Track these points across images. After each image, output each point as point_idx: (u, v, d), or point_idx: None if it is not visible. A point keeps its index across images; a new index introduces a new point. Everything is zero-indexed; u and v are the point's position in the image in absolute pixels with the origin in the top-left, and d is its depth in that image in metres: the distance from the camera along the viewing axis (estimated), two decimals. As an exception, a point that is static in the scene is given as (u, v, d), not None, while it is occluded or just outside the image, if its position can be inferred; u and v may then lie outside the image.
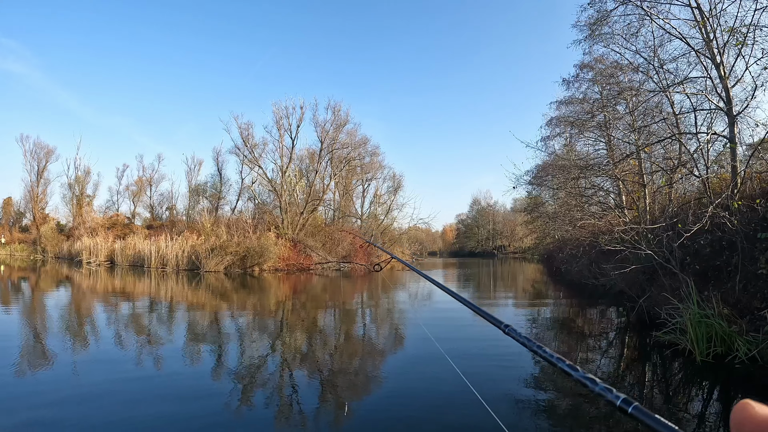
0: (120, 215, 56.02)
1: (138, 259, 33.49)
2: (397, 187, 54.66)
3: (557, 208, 22.66)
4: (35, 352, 7.80)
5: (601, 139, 19.14)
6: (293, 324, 11.29)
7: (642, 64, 12.04)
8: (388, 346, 8.87)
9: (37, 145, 55.79)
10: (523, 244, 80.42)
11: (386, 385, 6.26)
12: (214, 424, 4.70)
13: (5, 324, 10.67)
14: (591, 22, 12.59)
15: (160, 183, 60.44)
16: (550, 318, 12.52)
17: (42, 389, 5.71)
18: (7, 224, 59.03)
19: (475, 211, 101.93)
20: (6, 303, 14.42)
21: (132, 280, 23.15)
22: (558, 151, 21.52)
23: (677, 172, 11.58)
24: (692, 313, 7.46)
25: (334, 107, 40.72)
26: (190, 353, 7.96)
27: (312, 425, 4.83)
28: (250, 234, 31.66)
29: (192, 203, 53.55)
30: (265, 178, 40.05)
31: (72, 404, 5.19)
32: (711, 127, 10.36)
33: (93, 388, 5.80)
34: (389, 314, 13.15)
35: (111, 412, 4.99)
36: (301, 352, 8.31)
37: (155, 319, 11.66)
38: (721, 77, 9.75)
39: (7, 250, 51.61)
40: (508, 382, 6.30)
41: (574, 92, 19.86)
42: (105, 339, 8.92)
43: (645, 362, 7.76)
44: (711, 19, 9.72)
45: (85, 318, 11.57)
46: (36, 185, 56.44)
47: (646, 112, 12.67)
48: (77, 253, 39.78)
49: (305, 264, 32.24)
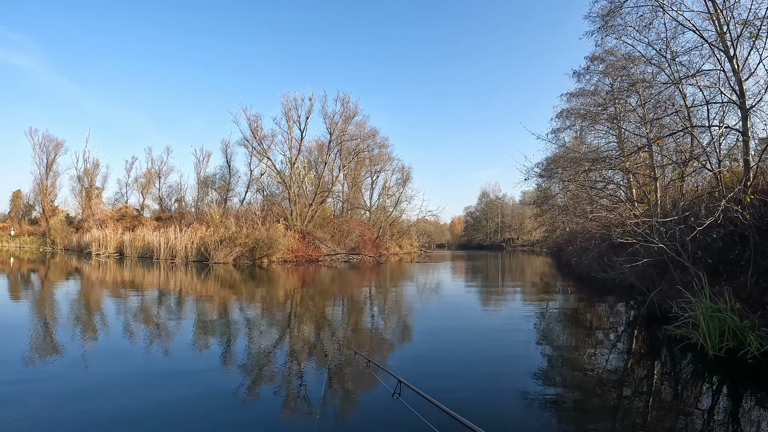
0: (129, 207, 56.43)
1: (147, 251, 33.75)
2: (405, 179, 54.76)
3: (567, 200, 22.57)
4: (44, 343, 7.88)
5: (612, 131, 19.01)
6: (301, 315, 11.34)
7: (654, 56, 11.93)
8: (395, 339, 8.88)
9: (45, 138, 56.22)
10: (531, 236, 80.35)
11: (391, 377, 6.26)
12: (222, 413, 4.73)
13: (15, 315, 10.80)
14: (603, 13, 12.46)
15: (168, 175, 60.87)
16: (559, 311, 12.48)
17: (51, 380, 5.77)
18: (16, 217, 59.67)
19: (483, 204, 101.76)
20: (16, 294, 14.57)
21: (141, 271, 23.32)
22: (568, 144, 21.43)
23: (689, 165, 11.48)
24: (704, 307, 7.40)
25: (343, 99, 40.71)
26: (198, 344, 8.03)
27: (318, 414, 4.85)
28: (258, 225, 31.77)
29: (201, 195, 53.90)
30: (274, 170, 40.14)
31: (81, 395, 5.25)
32: (723, 121, 10.22)
33: (102, 378, 5.87)
34: (396, 306, 13.16)
35: (119, 401, 5.05)
36: (308, 342, 8.34)
37: (164, 310, 11.75)
38: (734, 70, 9.63)
39: (16, 242, 52.21)
40: (513, 374, 6.29)
41: (585, 84, 19.74)
42: (114, 330, 9.01)
43: (656, 356, 7.73)
44: (724, 11, 9.58)
45: (94, 309, 11.67)
46: (45, 178, 56.89)
47: (658, 105, 12.56)
48: (86, 245, 40.16)
49: (314, 255, 32.35)
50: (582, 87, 20.05)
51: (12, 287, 16.28)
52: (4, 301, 13.02)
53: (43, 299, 13.35)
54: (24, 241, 51.84)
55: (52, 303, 12.60)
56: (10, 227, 55.24)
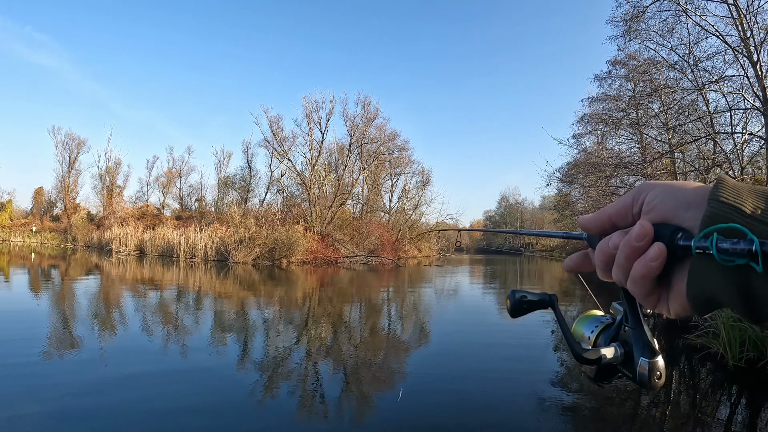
0: (150, 206, 57.21)
1: (167, 249, 34.08)
2: (425, 182, 54.57)
3: (588, 206, 22.39)
4: (63, 339, 8.02)
5: (633, 137, 18.84)
6: (319, 316, 11.42)
7: (677, 61, 11.83)
8: (412, 341, 8.92)
9: (68, 137, 57.19)
10: (551, 242, 79.51)
11: (409, 380, 6.30)
12: (238, 413, 4.81)
13: (34, 311, 11.02)
14: (627, 18, 12.39)
15: (189, 175, 61.45)
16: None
17: (69, 377, 5.87)
18: (38, 213, 60.70)
19: (503, 208, 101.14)
20: (36, 290, 14.87)
21: (161, 269, 23.64)
22: (589, 149, 21.27)
23: (711, 172, 11.34)
24: (725, 316, 7.33)
25: (363, 101, 40.85)
26: (216, 342, 8.13)
27: (334, 416, 4.91)
28: (278, 226, 31.99)
29: (221, 195, 54.29)
30: (294, 171, 40.42)
31: (98, 392, 5.34)
32: (746, 127, 10.11)
33: (119, 376, 5.96)
34: (414, 309, 13.18)
35: (136, 400, 5.14)
36: (326, 344, 8.41)
37: (183, 308, 11.93)
38: (758, 76, 9.52)
39: (38, 238, 53.10)
40: (530, 380, 6.29)
41: (607, 89, 19.59)
42: (133, 327, 9.16)
43: (675, 365, 7.65)
44: (748, 15, 9.48)
45: (114, 306, 11.87)
46: (67, 176, 57.85)
47: (681, 111, 12.44)
48: (107, 242, 40.67)
49: (333, 257, 32.48)
50: (604, 92, 19.94)
51: (32, 282, 16.61)
52: (25, 296, 13.31)
53: (63, 295, 13.60)
54: (45, 237, 52.65)
55: (72, 299, 12.84)
56: (31, 223, 56.26)
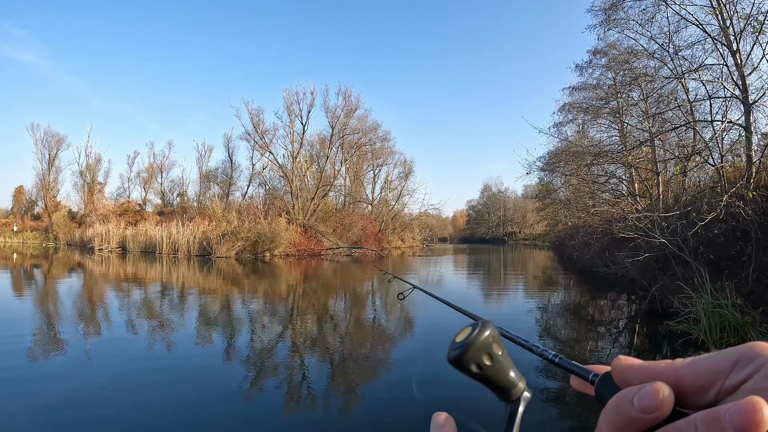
0: (131, 202, 56.57)
1: (149, 246, 33.80)
2: (407, 172, 54.80)
3: (569, 194, 22.56)
4: (48, 338, 7.92)
5: (614, 125, 18.98)
6: (304, 309, 11.39)
7: (657, 50, 11.92)
8: (397, 332, 8.93)
9: (48, 134, 56.40)
10: (533, 230, 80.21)
11: (395, 370, 6.32)
12: (226, 407, 4.77)
13: (18, 310, 10.84)
14: (606, 7, 12.45)
15: (170, 169, 61.05)
16: (560, 305, 12.51)
17: (55, 375, 5.81)
18: (19, 212, 59.70)
19: (485, 198, 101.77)
20: (19, 289, 14.63)
21: (144, 266, 23.41)
22: (570, 138, 21.40)
23: (691, 160, 11.47)
24: (706, 302, 7.43)
25: (344, 93, 40.73)
26: (201, 338, 8.07)
27: (321, 408, 4.91)
28: (261, 220, 31.84)
29: (203, 189, 53.84)
30: (276, 164, 40.18)
31: (85, 389, 5.28)
32: (726, 116, 10.21)
33: (105, 373, 5.91)
34: (398, 300, 13.18)
35: (123, 396, 5.08)
36: (311, 336, 8.38)
37: (167, 304, 11.81)
38: (737, 65, 9.63)
39: (19, 238, 52.34)
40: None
41: (588, 78, 19.71)
42: (117, 324, 9.05)
43: (657, 351, 7.75)
44: (727, 5, 9.57)
45: (98, 304, 11.72)
46: (47, 173, 57.00)
47: (661, 99, 12.54)
48: (89, 239, 40.13)
49: (316, 249, 32.43)
50: (584, 81, 20.03)
51: (15, 283, 16.34)
52: (8, 297, 13.06)
53: (46, 294, 13.41)
54: (27, 237, 51.91)
55: (55, 298, 12.66)
56: (12, 223, 55.34)
